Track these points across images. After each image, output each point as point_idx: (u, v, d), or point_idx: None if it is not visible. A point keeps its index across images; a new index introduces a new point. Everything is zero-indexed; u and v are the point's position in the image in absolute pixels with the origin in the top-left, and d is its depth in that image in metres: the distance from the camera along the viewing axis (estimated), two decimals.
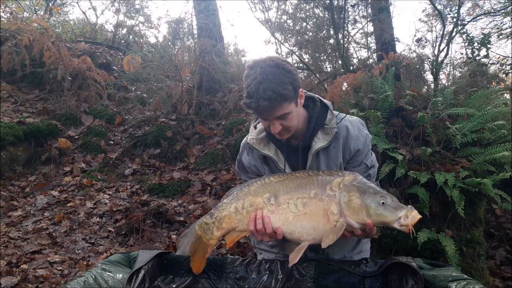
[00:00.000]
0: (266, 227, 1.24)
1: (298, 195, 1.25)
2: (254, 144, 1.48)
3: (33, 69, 5.31)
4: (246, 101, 1.29)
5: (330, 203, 1.22)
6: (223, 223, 1.33)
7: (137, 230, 3.25)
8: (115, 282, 1.25)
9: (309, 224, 1.23)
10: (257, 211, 1.27)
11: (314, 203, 1.23)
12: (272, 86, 1.24)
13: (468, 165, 2.50)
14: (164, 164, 4.48)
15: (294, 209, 1.24)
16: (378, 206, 1.17)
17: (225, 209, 1.34)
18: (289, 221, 1.25)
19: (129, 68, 5.65)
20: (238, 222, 1.32)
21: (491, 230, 3.06)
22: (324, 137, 1.42)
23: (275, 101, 1.25)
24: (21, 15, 7.10)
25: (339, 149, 1.44)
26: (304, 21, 5.65)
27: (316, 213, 1.23)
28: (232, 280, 1.40)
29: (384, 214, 1.16)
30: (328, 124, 1.43)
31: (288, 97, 1.28)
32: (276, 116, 1.29)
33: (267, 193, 1.29)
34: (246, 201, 1.31)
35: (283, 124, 1.32)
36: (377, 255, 2.55)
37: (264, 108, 1.25)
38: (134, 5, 8.51)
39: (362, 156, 1.48)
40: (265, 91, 1.23)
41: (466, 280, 1.16)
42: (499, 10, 5.65)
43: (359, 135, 1.46)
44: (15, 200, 3.69)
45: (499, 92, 3.54)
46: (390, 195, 1.20)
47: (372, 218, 1.17)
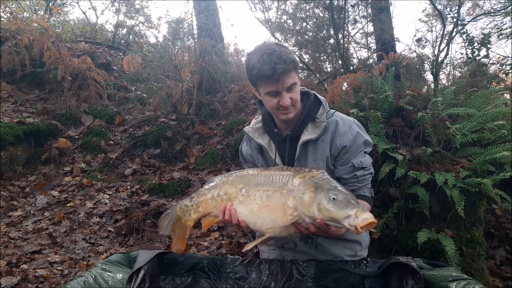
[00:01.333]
0: (232, 218, 1.31)
1: (264, 188, 1.29)
2: (250, 133, 1.58)
3: (33, 69, 5.31)
4: (260, 71, 1.34)
5: (288, 197, 1.23)
6: (200, 207, 1.43)
7: (137, 230, 3.26)
8: (115, 282, 1.25)
9: (269, 217, 1.27)
10: (227, 203, 1.34)
11: (275, 196, 1.26)
12: (283, 54, 1.34)
13: (468, 165, 2.50)
14: (164, 164, 4.48)
15: (259, 201, 1.29)
16: (328, 202, 1.15)
17: (203, 194, 1.43)
18: (253, 212, 1.30)
19: (129, 68, 5.65)
20: (213, 208, 1.40)
21: (491, 230, 3.06)
22: (313, 130, 1.47)
23: (290, 65, 1.34)
24: (21, 15, 7.10)
25: (327, 143, 1.47)
26: (304, 21, 5.65)
27: (276, 206, 1.26)
28: (232, 280, 1.41)
29: (333, 210, 1.14)
30: (319, 118, 1.47)
31: (297, 66, 1.39)
32: (288, 84, 1.36)
33: (241, 184, 1.35)
34: (222, 189, 1.38)
35: (292, 97, 1.39)
36: (377, 255, 2.56)
37: (282, 71, 1.32)
38: (134, 5, 8.52)
39: (350, 155, 1.47)
40: (279, 57, 1.32)
41: (466, 280, 1.16)
42: (499, 10, 5.65)
43: (348, 132, 1.47)
44: (15, 200, 3.69)
45: (499, 92, 3.54)
46: (345, 193, 1.17)
47: (323, 213, 1.15)
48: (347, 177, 1.48)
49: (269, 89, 1.39)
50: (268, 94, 1.41)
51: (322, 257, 1.50)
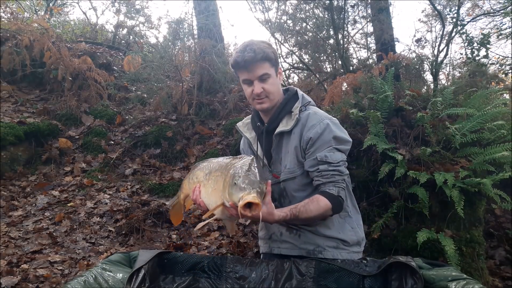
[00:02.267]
0: (197, 198, 1.44)
1: (217, 173, 1.39)
2: (240, 127, 1.72)
3: (34, 69, 5.32)
4: (233, 58, 1.49)
5: (222, 181, 1.31)
6: (183, 189, 1.66)
7: (138, 230, 3.26)
8: (115, 281, 1.25)
9: (214, 199, 1.36)
10: (197, 185, 1.47)
11: (219, 180, 1.35)
12: (256, 45, 1.47)
13: (467, 165, 2.51)
14: (165, 164, 4.49)
15: (212, 185, 1.39)
16: (231, 186, 1.22)
17: (186, 178, 1.65)
18: (208, 194, 1.41)
19: (129, 68, 5.65)
20: (189, 190, 1.57)
21: (491, 230, 3.06)
22: (287, 122, 1.54)
23: (259, 55, 1.44)
24: (22, 15, 7.11)
25: (297, 135, 1.53)
26: (304, 22, 5.66)
27: (217, 190, 1.34)
28: (232, 279, 1.41)
29: (232, 193, 1.21)
30: (294, 111, 1.55)
31: (270, 58, 1.48)
32: (259, 73, 1.47)
33: (207, 170, 1.47)
34: (194, 174, 1.55)
35: (264, 87, 1.49)
36: (376, 254, 2.56)
37: (249, 59, 1.44)
38: (134, 5, 8.51)
39: (316, 148, 1.48)
40: (250, 47, 1.45)
41: (465, 280, 1.17)
42: (498, 11, 5.66)
43: (317, 125, 1.48)
44: (16, 200, 3.69)
45: (498, 92, 3.54)
46: (247, 177, 1.21)
47: (230, 197, 1.22)
48: (311, 170, 1.50)
49: (242, 77, 1.51)
50: (243, 82, 1.53)
51: (304, 246, 1.55)
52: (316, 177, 1.49)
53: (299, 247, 1.56)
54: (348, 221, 1.59)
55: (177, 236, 3.29)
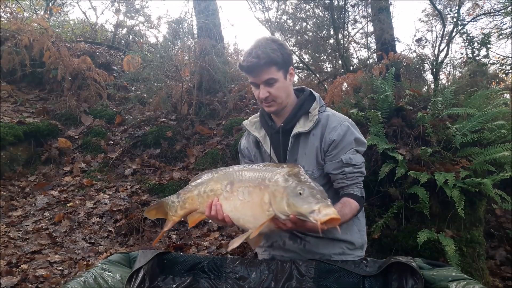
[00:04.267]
0: (218, 213, 1.31)
1: (246, 184, 1.29)
2: (247, 126, 1.64)
3: (33, 69, 5.31)
4: (239, 63, 1.46)
5: (265, 193, 1.23)
6: (187, 203, 1.44)
7: (137, 230, 3.25)
8: (115, 282, 1.25)
9: (250, 212, 1.27)
10: (214, 198, 1.34)
11: (255, 192, 1.26)
12: (263, 49, 1.41)
13: (468, 165, 2.50)
14: (164, 164, 4.48)
15: (241, 197, 1.29)
16: (295, 196, 1.14)
17: (190, 191, 1.44)
18: (236, 208, 1.30)
19: (129, 68, 5.65)
20: (199, 205, 1.41)
21: (491, 230, 3.06)
22: (305, 123, 1.50)
23: (262, 60, 1.39)
24: (21, 15, 7.10)
25: (317, 137, 1.49)
26: (304, 21, 5.66)
27: (255, 202, 1.25)
28: (232, 280, 1.40)
29: (299, 204, 1.13)
30: (312, 112, 1.51)
31: (276, 62, 1.42)
32: (264, 78, 1.43)
33: (226, 180, 1.35)
34: (208, 186, 1.39)
35: (270, 91, 1.45)
36: (377, 255, 2.56)
37: (252, 65, 1.40)
38: (134, 5, 8.51)
39: (339, 150, 1.47)
40: (257, 52, 1.40)
41: (466, 280, 1.16)
42: (499, 10, 5.65)
43: (338, 127, 1.48)
44: (15, 200, 3.69)
45: (499, 92, 3.54)
46: (312, 188, 1.16)
47: (291, 208, 1.14)
48: (335, 172, 1.48)
49: (250, 79, 1.48)
50: (251, 84, 1.50)
51: (309, 256, 1.51)
52: (340, 179, 1.48)
53: (303, 256, 1.53)
54: (356, 223, 1.59)
55: (177, 236, 3.28)
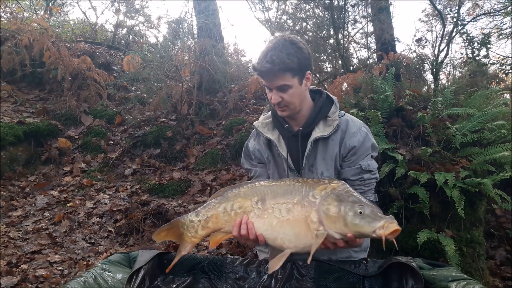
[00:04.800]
0: (250, 232, 1.22)
1: (283, 201, 1.22)
2: (259, 128, 1.55)
3: (33, 69, 5.31)
4: (253, 64, 1.39)
5: (311, 210, 1.17)
6: (210, 222, 1.30)
7: (137, 230, 3.25)
8: (115, 282, 1.25)
9: (291, 231, 1.19)
10: (243, 216, 1.24)
11: (296, 209, 1.19)
12: (278, 53, 1.32)
13: (468, 165, 2.50)
14: (164, 164, 4.48)
15: (278, 214, 1.21)
16: (355, 216, 1.10)
17: (213, 208, 1.30)
18: (272, 226, 1.21)
19: (129, 68, 5.65)
20: (224, 223, 1.28)
21: (491, 230, 3.06)
22: (325, 128, 1.46)
23: (276, 66, 1.32)
24: (21, 15, 7.10)
25: (337, 142, 1.47)
26: (304, 21, 5.65)
27: (298, 220, 1.18)
28: (232, 280, 1.40)
29: (361, 224, 1.10)
30: (331, 116, 1.47)
31: (291, 69, 1.34)
32: (277, 84, 1.36)
33: (256, 196, 1.26)
34: (236, 202, 1.27)
35: (283, 97, 1.38)
36: (377, 255, 2.55)
37: (265, 70, 1.33)
38: (134, 5, 8.51)
39: (357, 156, 1.47)
40: (271, 56, 1.32)
41: (466, 280, 1.16)
42: (499, 10, 5.65)
43: (358, 133, 1.47)
44: (15, 200, 3.69)
45: (499, 92, 3.54)
46: (370, 205, 1.14)
47: (349, 228, 1.11)
48: (353, 178, 1.47)
49: (263, 83, 1.43)
50: (263, 87, 1.46)
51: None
52: (358, 185, 1.47)
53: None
54: None
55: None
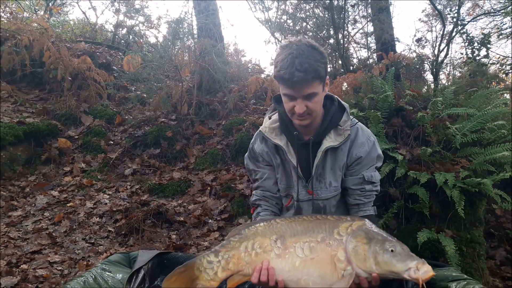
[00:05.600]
0: (270, 279, 1.15)
1: (305, 239, 1.15)
2: (266, 133, 1.50)
3: (33, 69, 5.31)
4: (280, 73, 1.29)
5: (337, 249, 1.12)
6: (231, 263, 1.19)
7: (137, 230, 3.25)
8: (115, 282, 1.25)
9: (316, 272, 1.13)
10: (263, 261, 1.17)
11: (321, 248, 1.13)
12: (308, 60, 1.27)
13: (468, 165, 2.50)
14: (164, 164, 4.48)
15: (301, 253, 1.14)
16: (386, 254, 1.08)
17: (233, 247, 1.21)
18: (295, 267, 1.14)
19: (129, 68, 5.64)
20: (245, 265, 1.19)
21: (491, 230, 3.06)
22: (335, 137, 1.42)
23: (310, 75, 1.26)
24: (21, 15, 7.10)
25: (345, 152, 1.44)
26: (304, 21, 5.66)
27: (323, 259, 1.12)
28: None
29: (393, 262, 1.07)
30: (342, 126, 1.43)
31: (320, 76, 1.31)
32: (305, 92, 1.30)
33: (274, 235, 1.19)
34: (256, 241, 1.20)
35: (308, 105, 1.33)
36: None
37: (298, 79, 1.26)
38: (134, 5, 8.50)
39: (362, 166, 1.45)
40: (301, 64, 1.25)
41: (466, 280, 1.17)
42: (499, 10, 5.65)
43: (365, 143, 1.44)
44: (15, 200, 3.69)
45: (499, 92, 3.55)
46: (399, 243, 1.11)
47: (381, 266, 1.08)
48: (354, 188, 1.46)
49: (286, 91, 1.34)
50: (285, 95, 1.37)
51: None
52: (358, 196, 1.46)
53: None
54: None
55: (176, 236, 3.28)
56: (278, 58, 1.31)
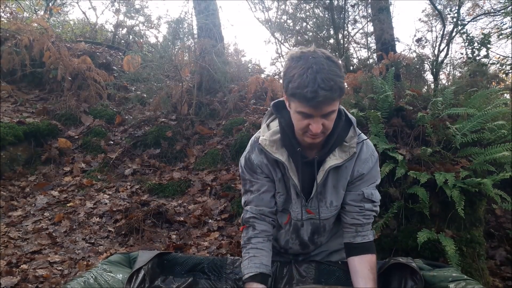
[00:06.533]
0: None
1: None
2: (266, 146, 1.34)
3: (33, 69, 5.31)
4: (299, 89, 1.13)
5: None
6: None
7: (137, 230, 3.25)
8: (115, 282, 1.25)
9: None
10: None
11: None
12: (331, 77, 1.13)
13: (468, 165, 2.50)
14: (164, 164, 4.48)
15: None
16: None
17: None
18: None
19: (129, 68, 5.64)
20: None
21: (491, 230, 3.06)
22: (340, 155, 1.32)
23: (335, 93, 1.14)
24: (21, 15, 7.10)
25: (349, 169, 1.35)
26: (304, 21, 5.66)
27: None
28: (232, 280, 1.41)
29: None
30: (348, 142, 1.32)
31: (343, 93, 1.18)
32: (326, 111, 1.17)
33: None
34: None
35: (325, 124, 1.20)
36: (377, 255, 2.55)
37: (324, 99, 1.12)
38: (134, 5, 8.51)
39: (363, 182, 1.37)
40: (325, 81, 1.11)
41: (466, 281, 1.16)
42: (499, 10, 5.65)
43: (369, 159, 1.36)
44: (15, 200, 3.69)
45: (499, 92, 3.54)
46: None
47: None
48: (353, 204, 1.37)
49: (302, 109, 1.18)
50: (300, 113, 1.20)
51: None
52: (357, 214, 1.38)
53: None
54: None
55: (176, 236, 3.28)
56: (293, 72, 1.15)
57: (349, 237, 1.40)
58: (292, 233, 1.45)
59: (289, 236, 1.47)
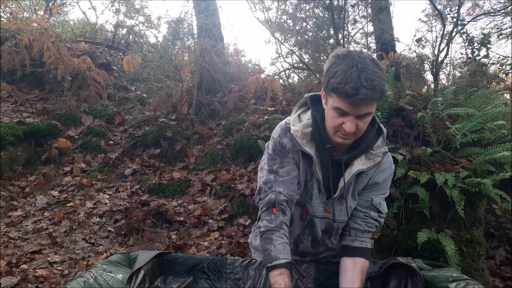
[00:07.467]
0: None
1: None
2: (297, 138, 1.32)
3: (33, 69, 5.31)
4: (341, 84, 1.13)
5: None
6: None
7: (137, 230, 3.25)
8: (115, 282, 1.25)
9: None
10: None
11: None
12: (375, 77, 1.13)
13: (468, 165, 2.50)
14: (164, 164, 4.48)
15: None
16: None
17: None
18: None
19: (129, 68, 5.64)
20: None
21: (491, 230, 3.06)
22: (365, 161, 1.32)
23: (376, 94, 1.13)
24: (21, 15, 7.10)
25: (368, 177, 1.36)
26: (304, 21, 5.65)
27: None
28: (231, 280, 1.40)
29: None
30: (374, 151, 1.33)
31: (383, 97, 1.18)
32: (363, 111, 1.17)
33: None
34: None
35: (358, 125, 1.19)
36: (377, 255, 2.56)
37: (364, 97, 1.12)
38: (134, 5, 8.51)
39: (374, 190, 1.37)
40: (368, 80, 1.11)
41: (466, 281, 1.16)
42: (499, 10, 5.64)
43: (387, 170, 1.37)
44: (15, 200, 3.69)
45: (499, 92, 3.54)
46: None
47: None
48: (359, 209, 1.38)
49: (339, 105, 1.17)
50: (336, 110, 1.19)
51: None
52: (360, 220, 1.38)
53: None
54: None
55: (176, 236, 3.28)
56: (337, 68, 1.15)
57: (347, 240, 1.40)
58: (306, 227, 1.43)
59: (302, 230, 1.45)
